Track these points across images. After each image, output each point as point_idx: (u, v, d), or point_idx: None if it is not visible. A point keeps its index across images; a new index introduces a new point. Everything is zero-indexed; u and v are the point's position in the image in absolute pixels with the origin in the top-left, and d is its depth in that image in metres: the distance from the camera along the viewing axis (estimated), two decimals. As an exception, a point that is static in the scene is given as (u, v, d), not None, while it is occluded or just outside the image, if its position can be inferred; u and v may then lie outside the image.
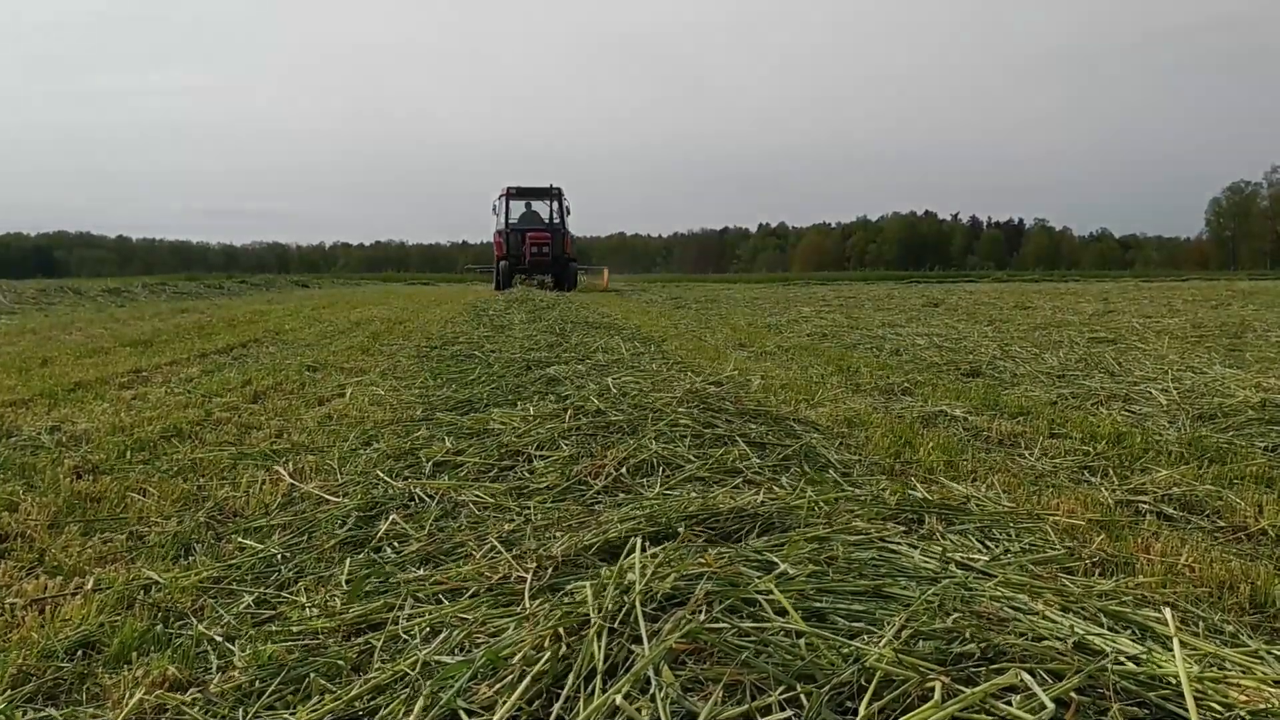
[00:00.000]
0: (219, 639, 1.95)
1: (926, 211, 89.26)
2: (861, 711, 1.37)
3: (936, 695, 1.37)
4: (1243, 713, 1.38)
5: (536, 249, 24.13)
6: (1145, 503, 3.02)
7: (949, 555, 2.09)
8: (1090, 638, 1.58)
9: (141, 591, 2.27)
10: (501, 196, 25.28)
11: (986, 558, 2.17)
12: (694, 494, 2.67)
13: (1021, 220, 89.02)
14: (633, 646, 1.59)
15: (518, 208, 25.85)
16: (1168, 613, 1.70)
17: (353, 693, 1.62)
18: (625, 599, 1.73)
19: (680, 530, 2.27)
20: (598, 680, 1.52)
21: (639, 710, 1.40)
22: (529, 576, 2.07)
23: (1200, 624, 1.92)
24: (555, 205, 25.58)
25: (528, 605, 1.91)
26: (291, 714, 1.62)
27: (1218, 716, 1.38)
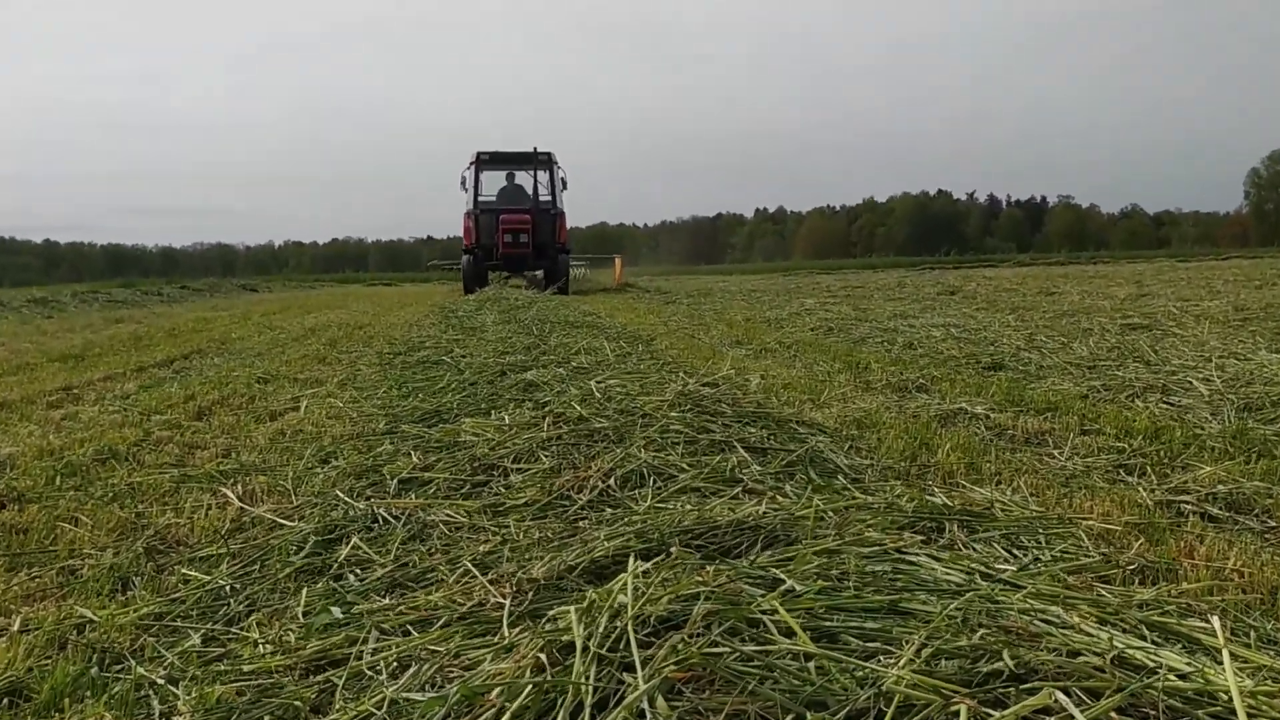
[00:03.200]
0: (161, 681, 1.93)
1: (940, 191, 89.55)
2: (879, 740, 1.36)
3: (962, 719, 1.36)
4: (1301, 729, 1.38)
5: (512, 236, 19.31)
6: (1188, 503, 3.03)
7: (972, 566, 2.09)
8: (1131, 652, 1.58)
9: (74, 631, 2.25)
10: (471, 165, 20.13)
11: (1014, 567, 2.16)
12: (689, 506, 2.66)
13: (1044, 198, 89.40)
14: (624, 676, 1.58)
15: (494, 180, 20.97)
16: (1215, 621, 1.70)
17: (312, 737, 1.61)
18: (615, 623, 1.72)
19: (674, 547, 2.26)
20: (585, 715, 1.50)
21: (632, 746, 1.39)
22: (506, 602, 2.05)
23: (1252, 634, 1.93)
24: (544, 176, 20.63)
25: (506, 634, 1.90)
26: (244, 762, 1.60)
27: (1273, 734, 1.37)
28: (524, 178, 20.94)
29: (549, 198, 20.61)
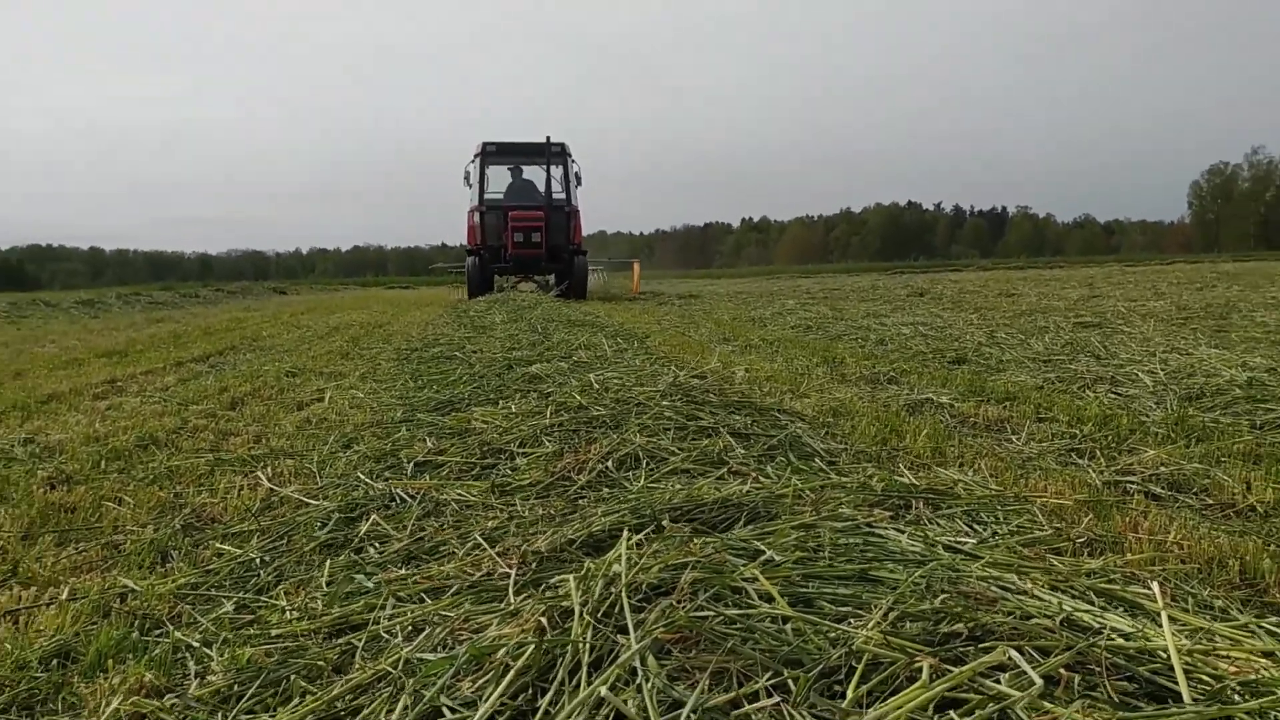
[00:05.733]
0: (196, 644, 1.93)
1: (910, 202, 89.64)
2: (849, 694, 1.37)
3: (924, 675, 1.36)
4: (1233, 683, 1.38)
5: (523, 236, 16.46)
6: (1133, 483, 3.03)
7: (936, 538, 2.09)
8: (1079, 615, 1.58)
9: (117, 600, 2.25)
10: (476, 158, 17.23)
11: (974, 540, 2.17)
12: (679, 486, 2.66)
13: (1005, 208, 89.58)
14: (618, 638, 1.58)
15: (501, 175, 17.96)
16: (1155, 587, 1.71)
17: (334, 693, 1.61)
18: (610, 590, 1.72)
19: (665, 522, 2.27)
20: (583, 672, 1.51)
21: (625, 701, 1.39)
22: (512, 572, 2.05)
23: (1190, 600, 1.93)
24: (558, 171, 17.40)
25: (512, 600, 1.90)
26: (271, 716, 1.60)
27: (1208, 688, 1.38)
28: (534, 173, 17.84)
29: (562, 194, 17.39)
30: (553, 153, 17.05)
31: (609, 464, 3.01)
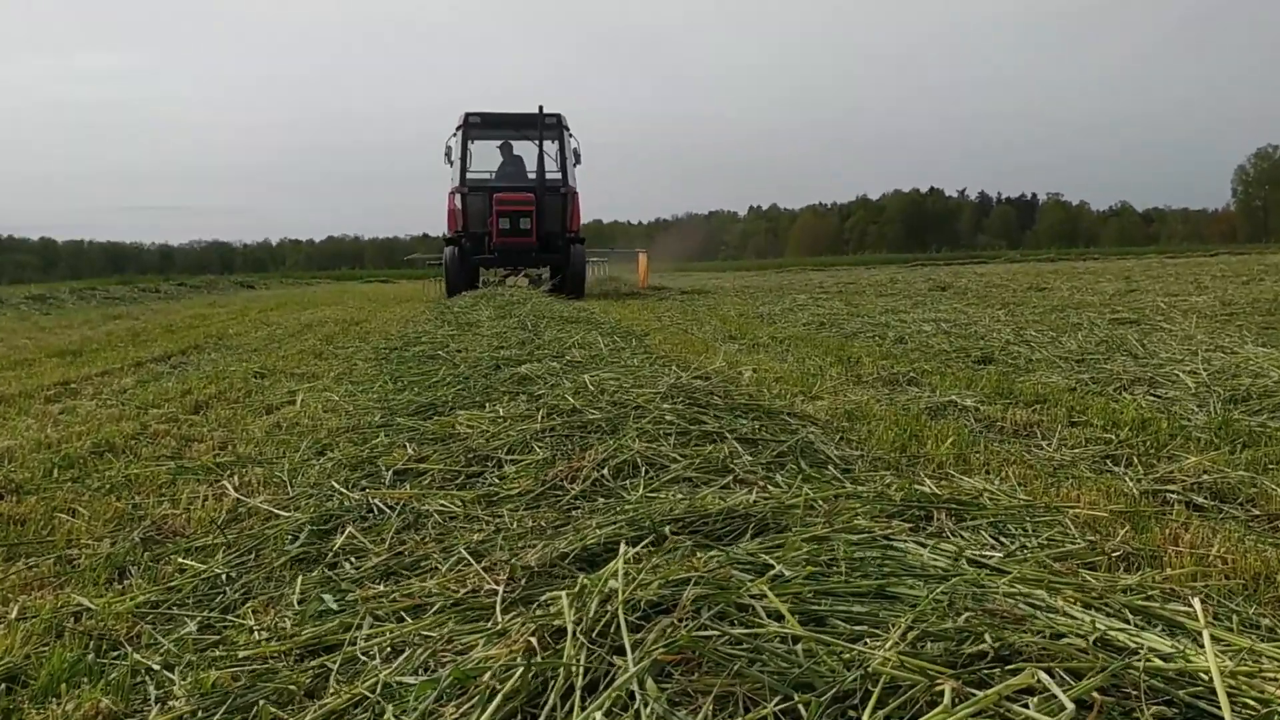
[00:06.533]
0: (157, 667, 1.94)
1: (932, 188, 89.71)
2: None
3: (946, 699, 1.37)
4: (1280, 709, 1.39)
5: (510, 222, 15.20)
6: (1173, 492, 3.04)
7: (960, 552, 2.10)
8: (1114, 634, 1.59)
9: (71, 619, 2.25)
10: (458, 130, 15.95)
11: (1001, 554, 2.17)
12: (680, 495, 2.66)
13: (1035, 195, 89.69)
14: (615, 659, 1.59)
15: (488, 152, 16.77)
16: (1197, 604, 1.71)
17: (306, 719, 1.61)
18: (606, 608, 1.73)
19: (666, 534, 2.27)
20: (576, 697, 1.51)
21: (622, 727, 1.40)
22: (500, 588, 2.06)
23: (1234, 618, 1.94)
24: (552, 147, 16.16)
25: (499, 619, 1.90)
26: (238, 745, 1.61)
27: (1253, 713, 1.38)
28: (525, 150, 16.49)
29: (558, 173, 16.14)
30: (546, 125, 15.76)
31: (605, 472, 3.01)
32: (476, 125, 16.08)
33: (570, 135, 16.38)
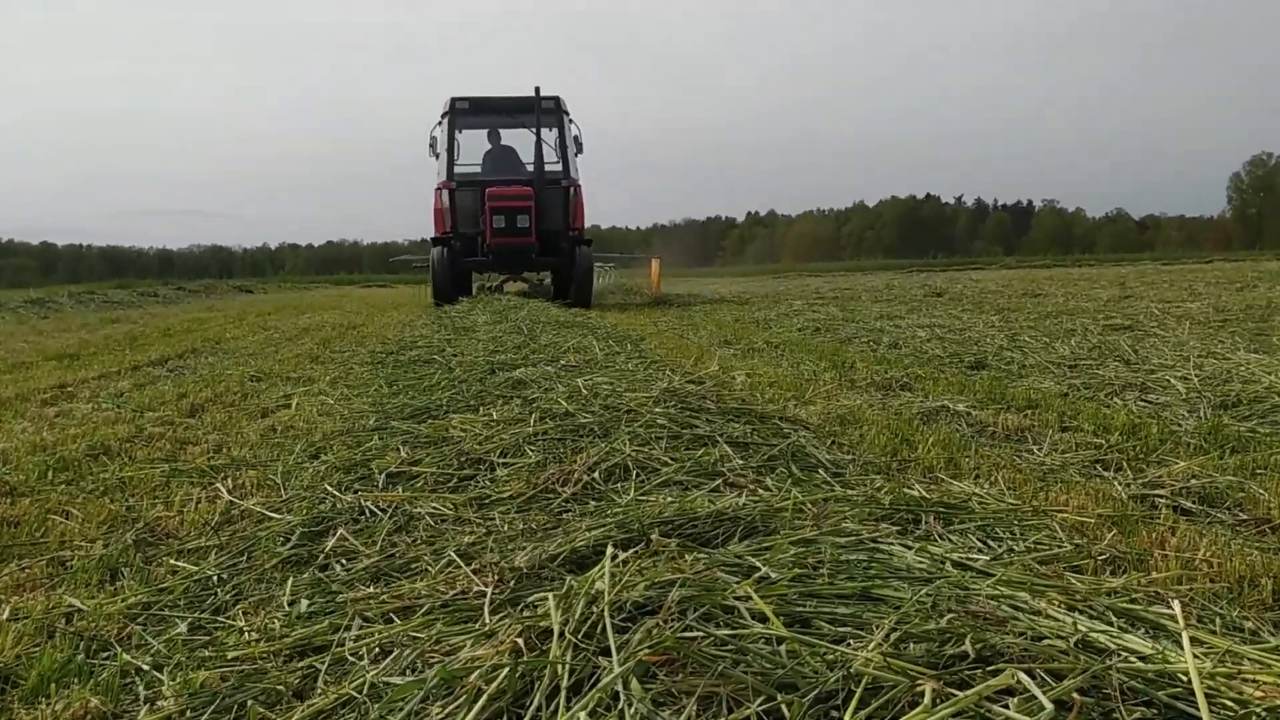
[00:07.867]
0: (147, 668, 1.94)
1: (928, 195, 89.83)
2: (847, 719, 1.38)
3: (926, 699, 1.38)
4: (1259, 709, 1.40)
5: (505, 220, 13.22)
6: (1161, 496, 3.05)
7: (945, 555, 2.10)
8: (1095, 636, 1.60)
9: (63, 620, 2.25)
10: (443, 118, 14.12)
11: (987, 557, 2.18)
12: (670, 499, 2.67)
13: (1030, 202, 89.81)
14: (600, 660, 1.59)
15: (476, 141, 14.82)
16: (1176, 606, 1.72)
17: (294, 719, 1.62)
18: (592, 609, 1.74)
19: (653, 536, 2.28)
20: (561, 697, 1.52)
21: (606, 727, 1.41)
22: (489, 590, 2.07)
23: (1218, 620, 1.95)
24: (551, 135, 14.14)
25: (487, 620, 1.91)
26: (226, 744, 1.61)
27: (1231, 713, 1.39)
28: (515, 139, 14.73)
29: (558, 163, 14.18)
30: (544, 110, 13.67)
31: (596, 475, 3.02)
32: (464, 112, 14.13)
33: (570, 121, 14.45)
